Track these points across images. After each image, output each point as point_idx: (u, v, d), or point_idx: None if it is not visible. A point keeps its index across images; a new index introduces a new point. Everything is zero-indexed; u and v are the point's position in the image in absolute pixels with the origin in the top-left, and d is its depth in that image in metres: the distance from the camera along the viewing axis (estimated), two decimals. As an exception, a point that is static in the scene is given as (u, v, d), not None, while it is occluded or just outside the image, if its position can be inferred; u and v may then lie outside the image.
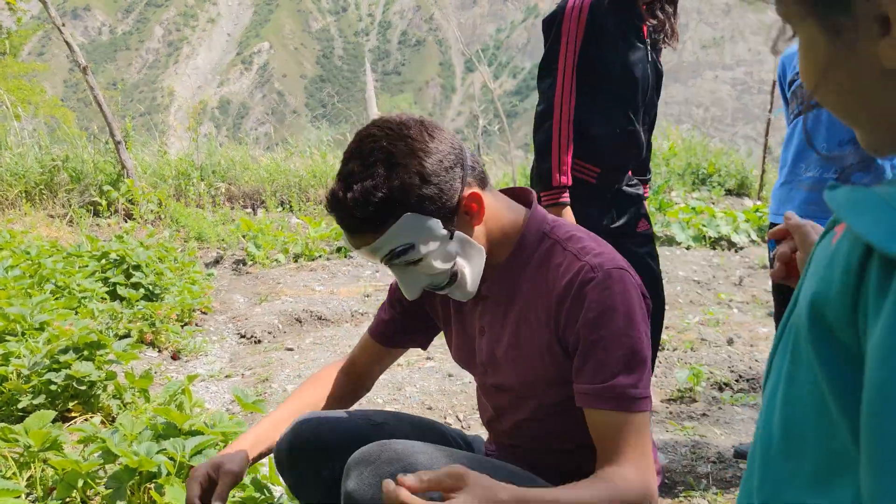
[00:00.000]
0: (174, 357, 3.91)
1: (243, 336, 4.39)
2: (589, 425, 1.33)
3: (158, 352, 3.96)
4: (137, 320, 3.98)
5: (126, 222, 7.15)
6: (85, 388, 2.72)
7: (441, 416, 3.14)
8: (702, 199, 8.60)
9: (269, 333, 4.41)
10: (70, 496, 1.94)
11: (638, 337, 1.30)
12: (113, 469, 1.96)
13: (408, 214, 1.31)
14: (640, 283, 1.38)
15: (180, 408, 2.49)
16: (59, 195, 7.56)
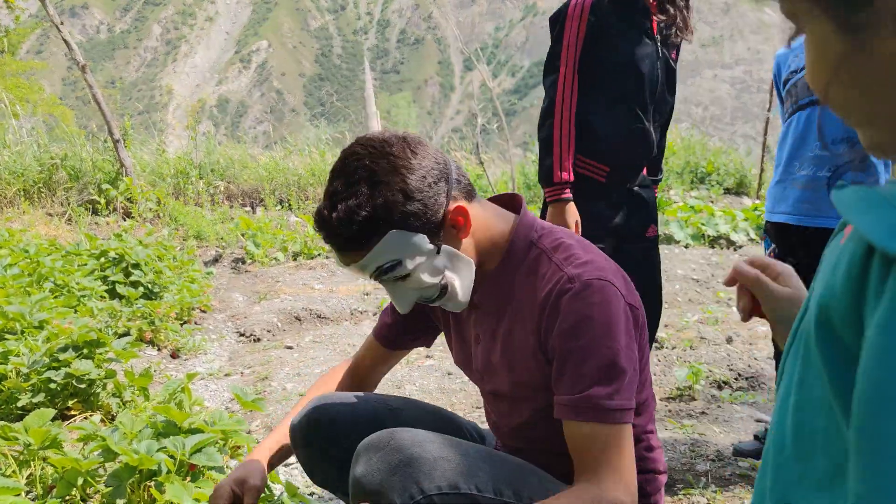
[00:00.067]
0: (173, 355, 3.91)
1: (242, 334, 4.39)
2: (566, 437, 1.32)
3: (158, 350, 3.96)
4: (137, 319, 3.98)
5: (125, 221, 7.15)
6: (84, 386, 2.71)
7: (440, 415, 3.14)
8: (700, 198, 8.61)
9: (269, 332, 4.41)
10: (70, 494, 1.94)
11: (615, 348, 1.27)
12: (113, 467, 1.96)
13: (393, 231, 1.31)
14: (630, 291, 1.36)
15: (180, 406, 2.49)
16: (58, 193, 7.56)
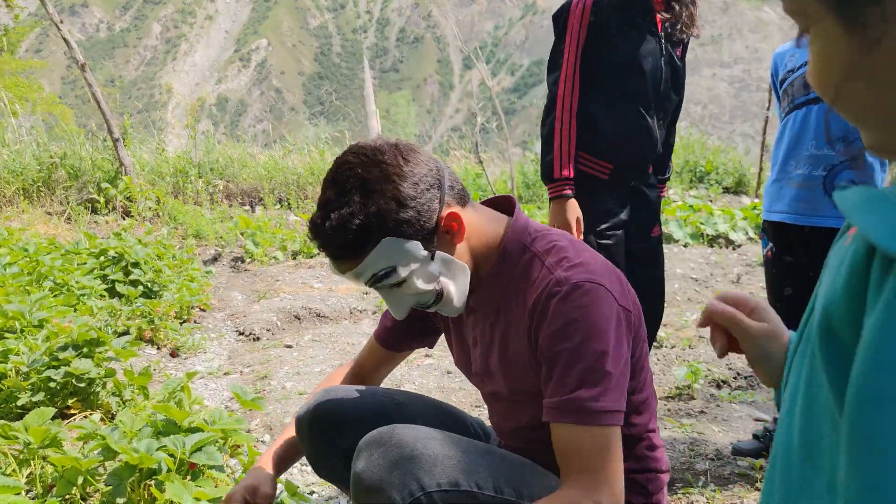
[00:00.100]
0: (173, 354, 3.91)
1: (242, 333, 4.39)
2: (552, 441, 1.31)
3: (157, 349, 3.96)
4: (136, 317, 3.98)
5: (124, 220, 7.15)
6: (84, 385, 2.71)
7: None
8: (699, 197, 8.62)
9: (268, 331, 4.42)
10: (70, 493, 1.94)
11: (603, 350, 1.26)
12: (113, 466, 1.96)
13: (387, 239, 1.32)
14: (624, 293, 1.35)
15: (179, 405, 2.49)
16: (57, 192, 7.56)
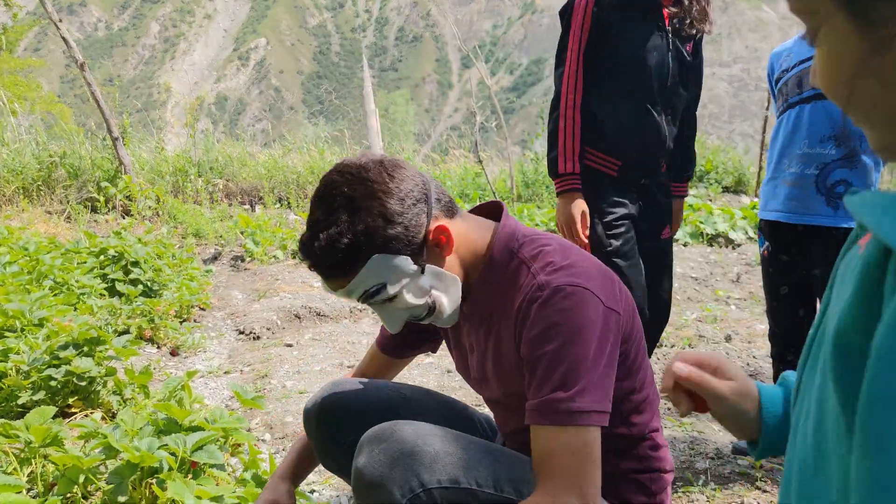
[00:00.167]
0: (173, 353, 3.91)
1: (242, 332, 4.39)
2: (531, 444, 1.30)
3: (157, 348, 3.96)
4: (136, 316, 3.98)
5: (124, 219, 7.14)
6: (85, 383, 2.71)
7: (440, 412, 3.15)
8: (699, 197, 8.62)
9: (268, 329, 4.41)
10: (71, 492, 1.94)
11: (583, 352, 1.25)
12: (114, 464, 1.96)
13: (376, 256, 1.32)
14: (612, 294, 1.34)
15: (180, 404, 2.48)
16: (57, 191, 7.56)
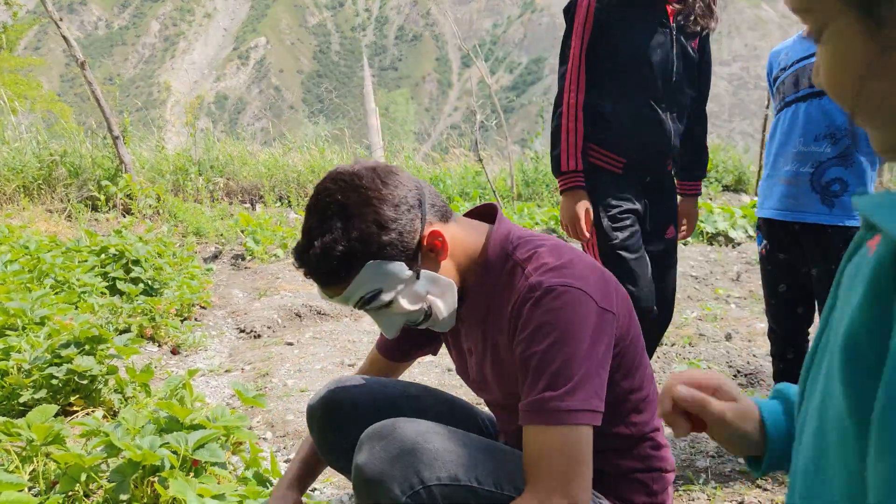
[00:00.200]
0: (174, 352, 3.92)
1: (242, 331, 4.39)
2: (522, 445, 1.30)
3: (158, 346, 3.96)
4: (137, 315, 3.98)
5: (124, 217, 7.15)
6: (86, 382, 2.71)
7: (441, 411, 3.15)
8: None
9: (269, 328, 4.42)
10: (73, 490, 1.95)
11: (572, 352, 1.25)
12: (116, 463, 1.96)
13: (371, 262, 1.33)
14: (606, 294, 1.33)
15: (181, 402, 2.49)
16: (58, 190, 7.56)
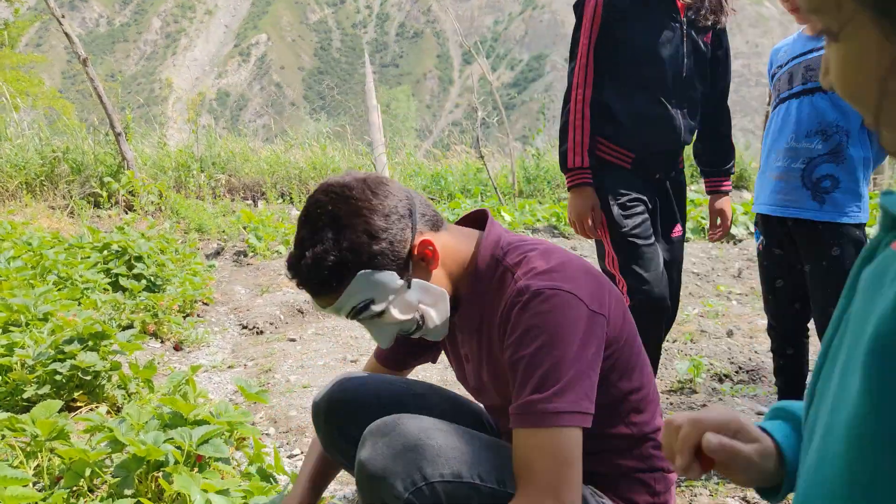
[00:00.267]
0: (177, 348, 3.92)
1: (245, 327, 4.40)
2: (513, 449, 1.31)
3: (161, 342, 3.97)
4: (140, 311, 3.99)
5: (127, 214, 7.16)
6: (90, 378, 2.72)
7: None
8: (700, 192, 8.60)
9: (271, 324, 4.43)
10: (77, 485, 1.95)
11: (560, 354, 1.25)
12: (120, 458, 1.97)
13: (362, 272, 1.34)
14: (596, 296, 1.33)
15: (185, 398, 2.49)
16: (60, 186, 7.57)
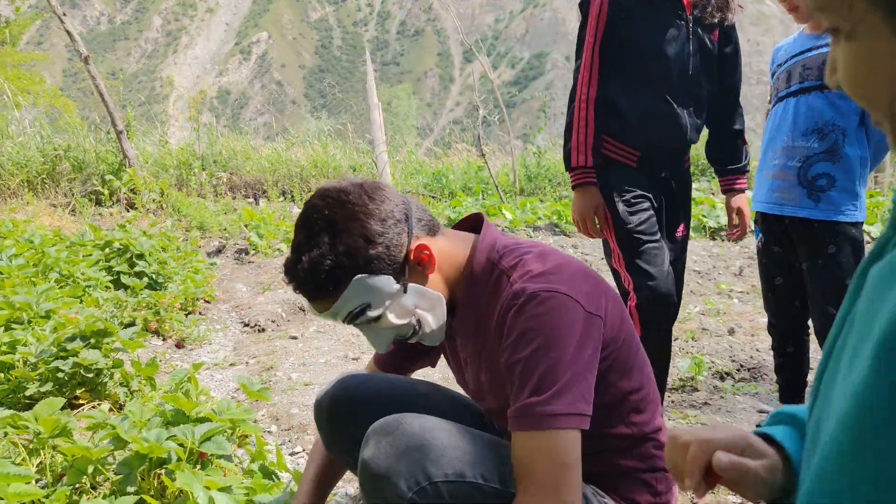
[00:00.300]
0: (178, 345, 3.93)
1: (247, 325, 4.41)
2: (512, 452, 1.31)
3: (163, 340, 3.98)
4: (142, 309, 3.99)
5: (128, 212, 7.16)
6: (92, 375, 2.72)
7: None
8: (701, 190, 8.60)
9: (273, 322, 4.43)
10: (80, 482, 1.96)
11: (557, 356, 1.25)
12: (123, 455, 1.98)
13: (358, 277, 1.34)
14: (593, 298, 1.33)
15: (187, 395, 2.50)
16: (62, 184, 7.57)
